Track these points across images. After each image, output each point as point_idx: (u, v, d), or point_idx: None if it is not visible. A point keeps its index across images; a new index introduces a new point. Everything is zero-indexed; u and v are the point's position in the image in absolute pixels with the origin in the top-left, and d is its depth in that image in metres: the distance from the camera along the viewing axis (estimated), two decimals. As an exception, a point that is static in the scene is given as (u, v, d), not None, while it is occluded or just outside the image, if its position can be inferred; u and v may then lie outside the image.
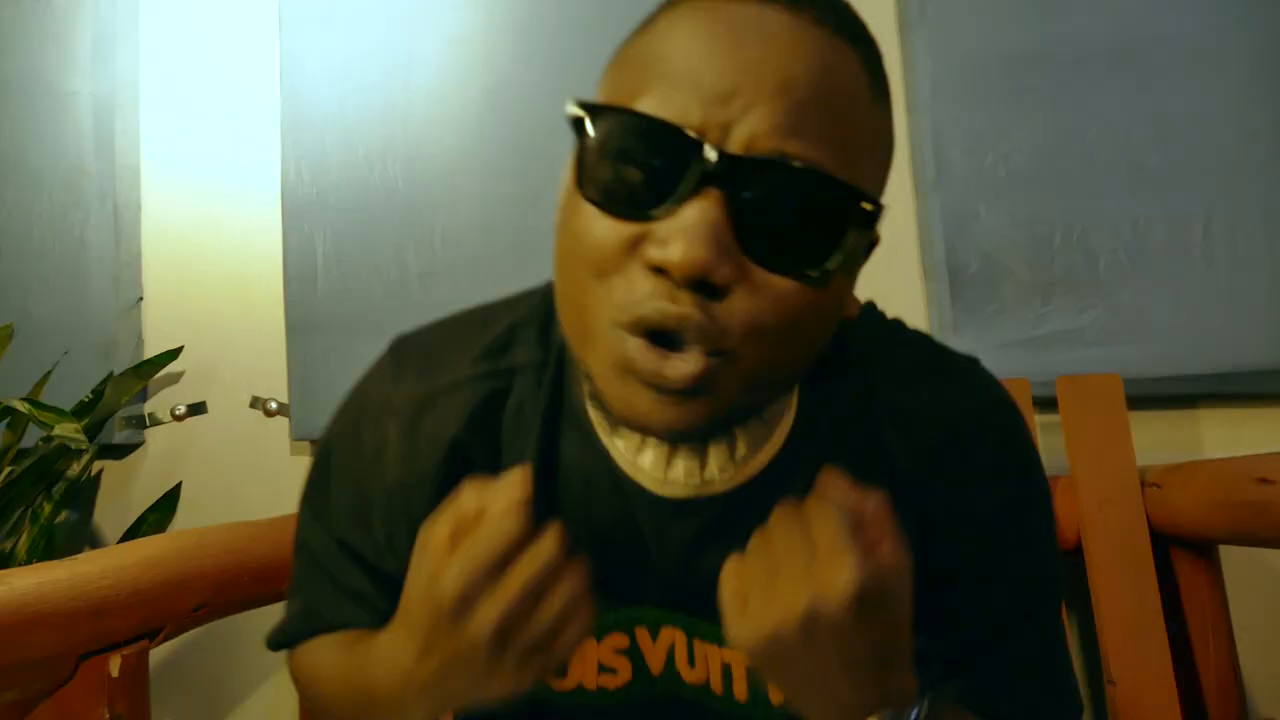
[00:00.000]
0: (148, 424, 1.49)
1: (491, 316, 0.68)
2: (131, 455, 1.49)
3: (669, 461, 0.59)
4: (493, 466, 0.62)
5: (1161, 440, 1.40)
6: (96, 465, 1.47)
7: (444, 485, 0.59)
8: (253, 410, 1.50)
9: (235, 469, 1.50)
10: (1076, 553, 1.26)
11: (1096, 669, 1.22)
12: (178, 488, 1.47)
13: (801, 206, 0.48)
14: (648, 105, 0.48)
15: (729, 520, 0.60)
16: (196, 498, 1.48)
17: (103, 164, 1.47)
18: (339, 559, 0.67)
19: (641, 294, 0.48)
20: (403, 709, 0.55)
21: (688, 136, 0.46)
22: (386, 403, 0.65)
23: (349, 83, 1.46)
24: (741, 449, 0.59)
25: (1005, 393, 0.67)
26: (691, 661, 0.63)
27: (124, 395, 1.42)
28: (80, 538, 1.44)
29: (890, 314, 0.75)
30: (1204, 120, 1.39)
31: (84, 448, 1.18)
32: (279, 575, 1.13)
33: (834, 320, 0.54)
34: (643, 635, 0.63)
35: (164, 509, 1.46)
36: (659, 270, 0.47)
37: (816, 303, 0.50)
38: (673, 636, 0.63)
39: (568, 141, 0.51)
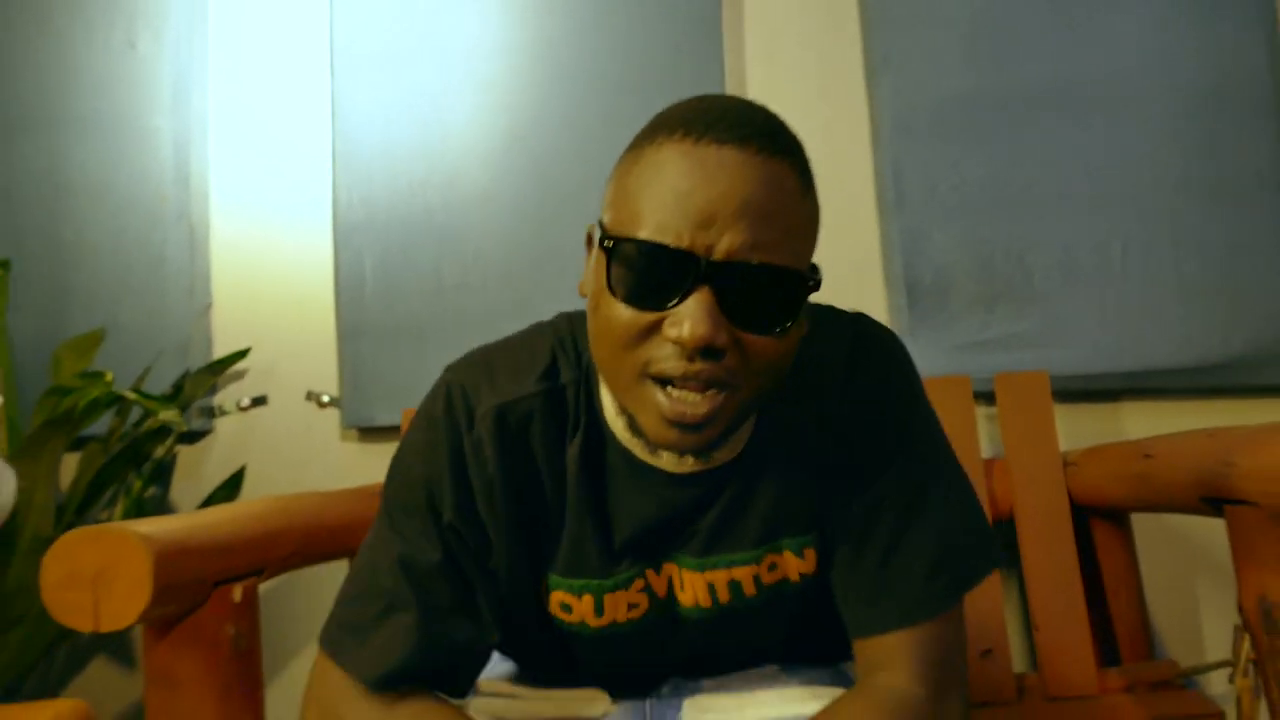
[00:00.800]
0: (216, 414, 1.71)
1: (531, 346, 0.84)
2: (203, 441, 1.72)
3: (672, 456, 0.78)
4: (555, 460, 0.80)
5: (1090, 429, 1.63)
6: (175, 449, 1.70)
7: (515, 486, 0.79)
8: (307, 403, 1.73)
9: (292, 453, 1.72)
10: (1010, 523, 1.49)
11: (1026, 618, 1.45)
12: (242, 470, 1.70)
13: (765, 290, 0.67)
14: (650, 229, 0.66)
15: (713, 481, 0.80)
16: (258, 478, 1.71)
17: (179, 190, 1.70)
18: (435, 584, 0.78)
19: (662, 356, 0.67)
20: None
21: (686, 253, 0.65)
22: (469, 413, 0.80)
23: (393, 121, 1.69)
24: (724, 449, 0.78)
25: (881, 342, 0.83)
26: (682, 586, 0.83)
27: (199, 389, 1.65)
28: (162, 510, 1.67)
29: None
30: (1123, 156, 1.63)
31: (184, 429, 1.41)
32: (344, 537, 1.37)
33: (794, 352, 0.72)
34: (651, 574, 0.83)
35: (230, 488, 1.69)
36: (691, 353, 0.66)
37: (785, 347, 0.70)
38: (670, 570, 0.83)
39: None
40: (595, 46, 1.69)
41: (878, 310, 1.70)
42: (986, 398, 1.57)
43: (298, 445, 1.73)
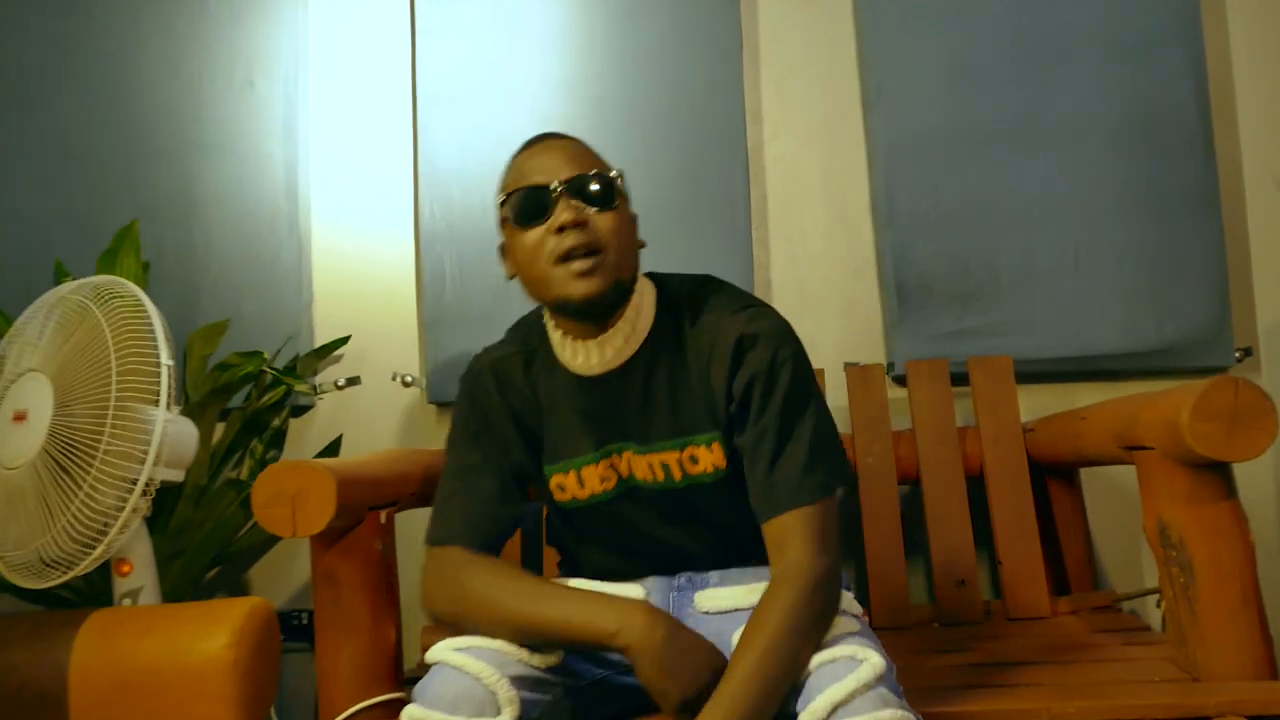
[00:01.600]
0: (318, 392, 2.04)
1: (516, 329, 1.30)
2: (307, 414, 2.05)
3: (589, 357, 1.15)
4: (530, 386, 1.21)
5: (1047, 404, 1.94)
6: (288, 420, 2.03)
7: (512, 407, 1.21)
8: (393, 383, 2.06)
9: (380, 424, 2.05)
10: (980, 479, 1.83)
11: (992, 555, 1.78)
12: (339, 438, 2.03)
13: (594, 185, 1.10)
14: (526, 183, 1.11)
15: (622, 381, 1.16)
16: (352, 445, 2.04)
17: (289, 205, 2.03)
18: (478, 475, 1.19)
19: (557, 245, 1.08)
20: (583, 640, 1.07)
21: (546, 185, 1.09)
22: (479, 368, 1.26)
23: (468, 150, 2.02)
24: (619, 342, 1.15)
25: (772, 320, 1.16)
26: (633, 468, 1.18)
27: (307, 370, 1.98)
28: (276, 471, 2.00)
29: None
30: (1073, 180, 1.96)
31: (313, 401, 1.73)
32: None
33: (634, 238, 1.15)
34: (616, 458, 1.18)
35: (330, 453, 2.01)
36: (560, 230, 1.07)
37: (619, 220, 1.11)
38: (626, 456, 1.18)
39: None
40: (636, 84, 2.03)
41: (872, 306, 2.03)
42: (960, 378, 1.90)
43: (385, 418, 2.06)
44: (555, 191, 1.09)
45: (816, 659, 1.03)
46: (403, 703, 1.22)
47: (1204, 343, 1.93)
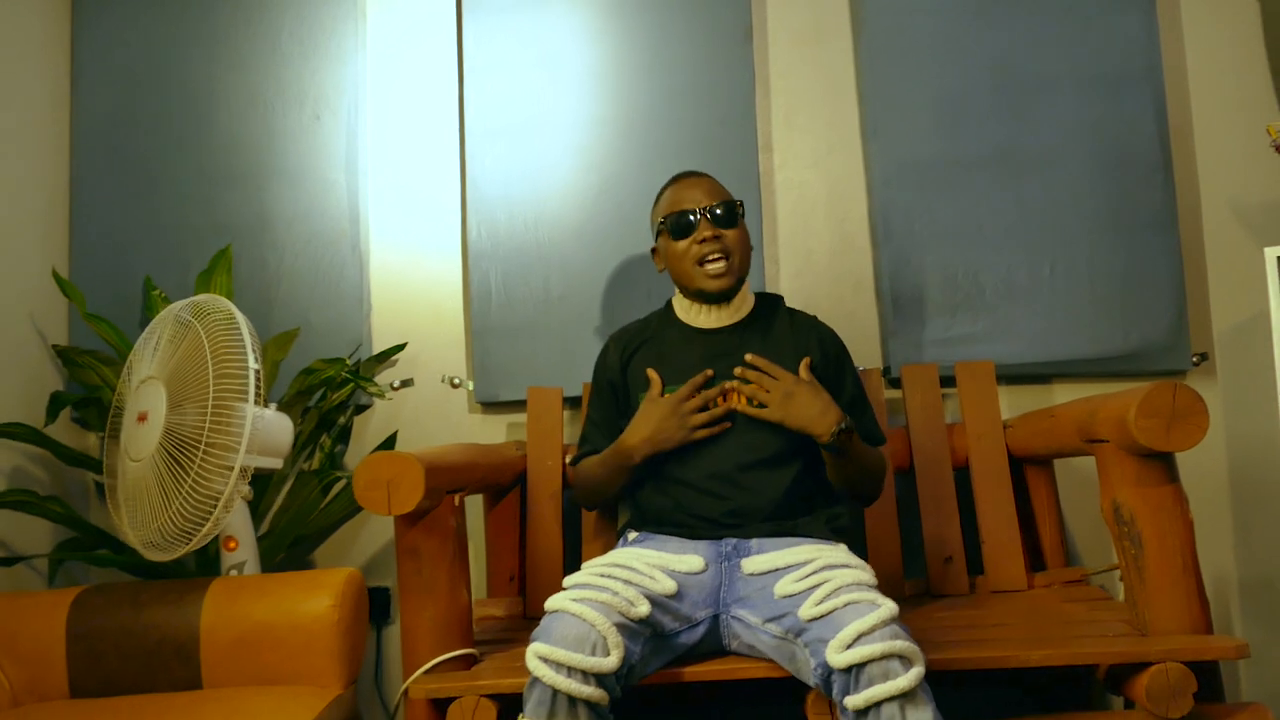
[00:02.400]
0: (380, 393, 2.29)
1: (646, 316, 1.85)
2: (366, 412, 2.29)
3: (711, 315, 1.74)
4: (650, 343, 1.79)
5: (1026, 403, 2.19)
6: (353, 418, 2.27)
7: (624, 361, 1.79)
8: (442, 385, 2.30)
9: (430, 422, 2.29)
10: (965, 470, 2.07)
11: (977, 536, 2.03)
12: (394, 435, 2.27)
13: (724, 210, 1.69)
14: (679, 209, 1.71)
15: (729, 335, 1.71)
16: (406, 441, 2.28)
17: (352, 226, 2.27)
18: (602, 417, 1.80)
19: (699, 252, 1.68)
20: (634, 451, 1.64)
21: (693, 209, 1.69)
22: (608, 342, 1.86)
23: (512, 178, 2.25)
24: (732, 309, 1.73)
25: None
26: (725, 399, 1.66)
27: (368, 374, 2.22)
28: (342, 464, 2.24)
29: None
30: (1050, 203, 2.20)
31: (373, 401, 1.98)
32: (496, 474, 1.94)
33: (749, 246, 1.75)
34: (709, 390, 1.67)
35: (387, 447, 2.26)
36: (702, 242, 1.67)
37: (741, 235, 1.71)
38: (721, 389, 1.66)
39: (649, 218, 1.83)
40: (662, 120, 2.27)
41: (870, 316, 2.27)
42: (948, 381, 2.14)
43: (435, 416, 2.30)
44: (699, 216, 1.66)
45: (843, 598, 1.31)
46: (473, 658, 1.49)
47: (1164, 348, 2.17)
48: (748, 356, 1.62)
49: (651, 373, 1.66)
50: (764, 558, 1.53)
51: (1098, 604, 1.81)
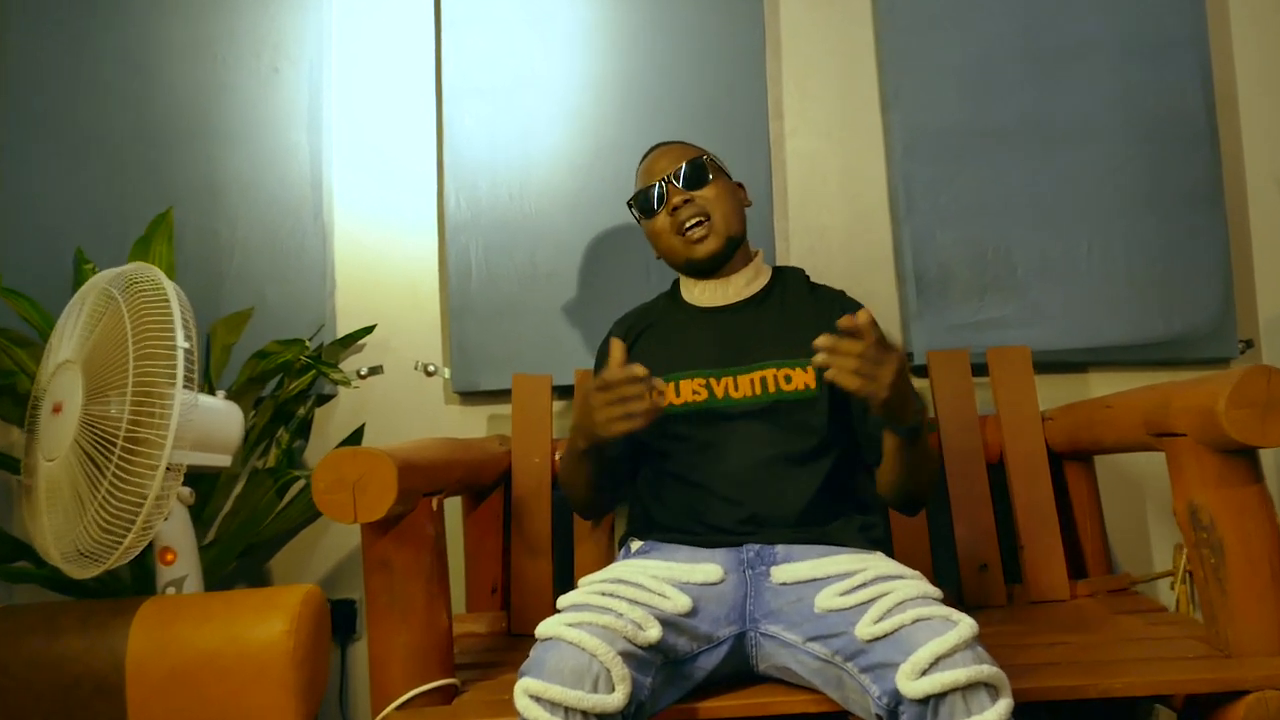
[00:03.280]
0: (350, 382, 2.04)
1: (652, 299, 1.67)
2: (330, 403, 2.05)
3: (715, 292, 1.54)
4: (653, 327, 1.59)
5: (1060, 393, 2.01)
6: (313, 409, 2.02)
7: (632, 350, 1.54)
8: (416, 372, 2.06)
9: (403, 414, 2.06)
10: (1000, 466, 1.88)
11: (1014, 540, 1.83)
12: (361, 428, 2.03)
13: (693, 171, 1.50)
14: (643, 183, 1.55)
15: (741, 313, 1.51)
16: (374, 435, 2.04)
17: (314, 193, 2.02)
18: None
19: (675, 222, 1.50)
20: (573, 436, 1.40)
21: (657, 182, 1.51)
22: (612, 327, 1.66)
23: (496, 143, 2.03)
24: (741, 284, 1.53)
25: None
26: (736, 387, 1.45)
27: (331, 360, 1.98)
28: (301, 461, 2.00)
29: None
30: (1085, 176, 2.02)
31: (350, 386, 1.73)
32: (478, 473, 1.71)
33: (736, 201, 1.54)
34: (713, 381, 1.46)
35: (353, 442, 2.01)
36: (674, 210, 1.49)
37: (716, 192, 1.50)
38: (726, 379, 1.45)
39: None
40: (663, 83, 2.05)
41: (889, 299, 2.07)
42: (978, 369, 1.95)
43: (408, 407, 2.06)
44: (664, 184, 1.49)
45: (911, 614, 1.09)
46: (454, 689, 1.24)
47: (1209, 334, 1.99)
48: (842, 321, 1.20)
49: (615, 342, 1.31)
50: (798, 566, 1.32)
51: (1153, 617, 1.63)
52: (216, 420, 1.53)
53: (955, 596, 1.82)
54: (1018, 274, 2.02)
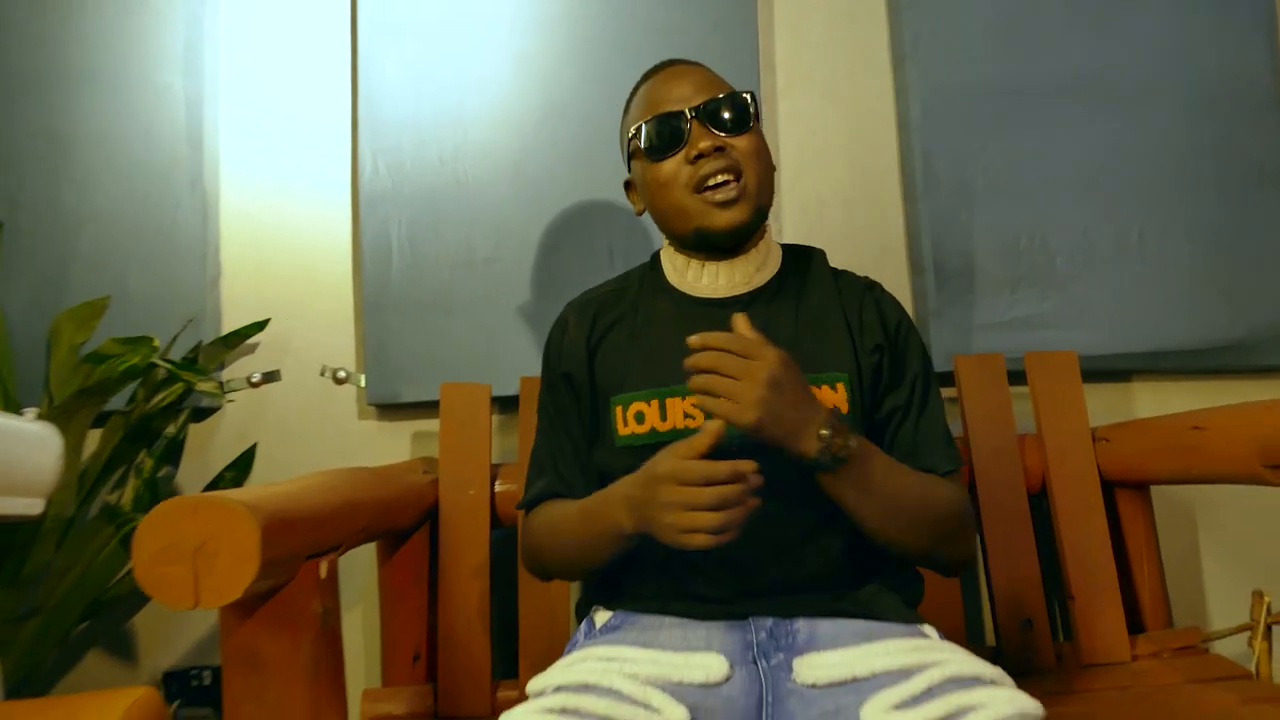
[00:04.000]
0: (225, 390, 1.63)
1: (619, 276, 1.23)
2: (211, 418, 1.63)
3: (717, 277, 1.12)
4: (624, 320, 1.15)
5: (1102, 406, 1.69)
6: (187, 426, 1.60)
7: (592, 343, 1.14)
8: (322, 380, 1.66)
9: (306, 431, 1.65)
10: (1042, 496, 1.54)
11: (1062, 587, 1.49)
12: (252, 449, 1.62)
13: (728, 108, 1.07)
14: (655, 112, 1.09)
15: (747, 309, 1.06)
16: (270, 457, 1.63)
17: (193, 152, 1.60)
18: (557, 434, 1.15)
19: (693, 172, 1.06)
20: (621, 516, 0.97)
21: (678, 111, 1.07)
22: (565, 313, 1.20)
23: (423, 91, 1.63)
24: (751, 269, 1.12)
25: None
26: None
27: (212, 363, 1.56)
28: (172, 493, 1.58)
29: None
30: (1138, 146, 1.69)
31: (222, 403, 1.32)
32: (396, 514, 1.32)
33: (770, 159, 1.11)
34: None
35: (241, 468, 1.61)
36: (698, 158, 1.05)
37: (757, 142, 1.09)
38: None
39: (617, 150, 1.16)
40: (633, 23, 1.67)
41: (902, 292, 1.72)
42: (1014, 377, 1.61)
43: (312, 423, 1.66)
44: (689, 118, 1.07)
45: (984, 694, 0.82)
46: None
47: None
48: (692, 339, 0.93)
49: (710, 426, 0.91)
50: (829, 657, 0.95)
51: (1241, 688, 1.30)
52: (12, 452, 1.10)
53: (991, 657, 1.47)
54: (1056, 264, 1.69)
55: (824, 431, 0.93)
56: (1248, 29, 1.71)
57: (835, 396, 1.06)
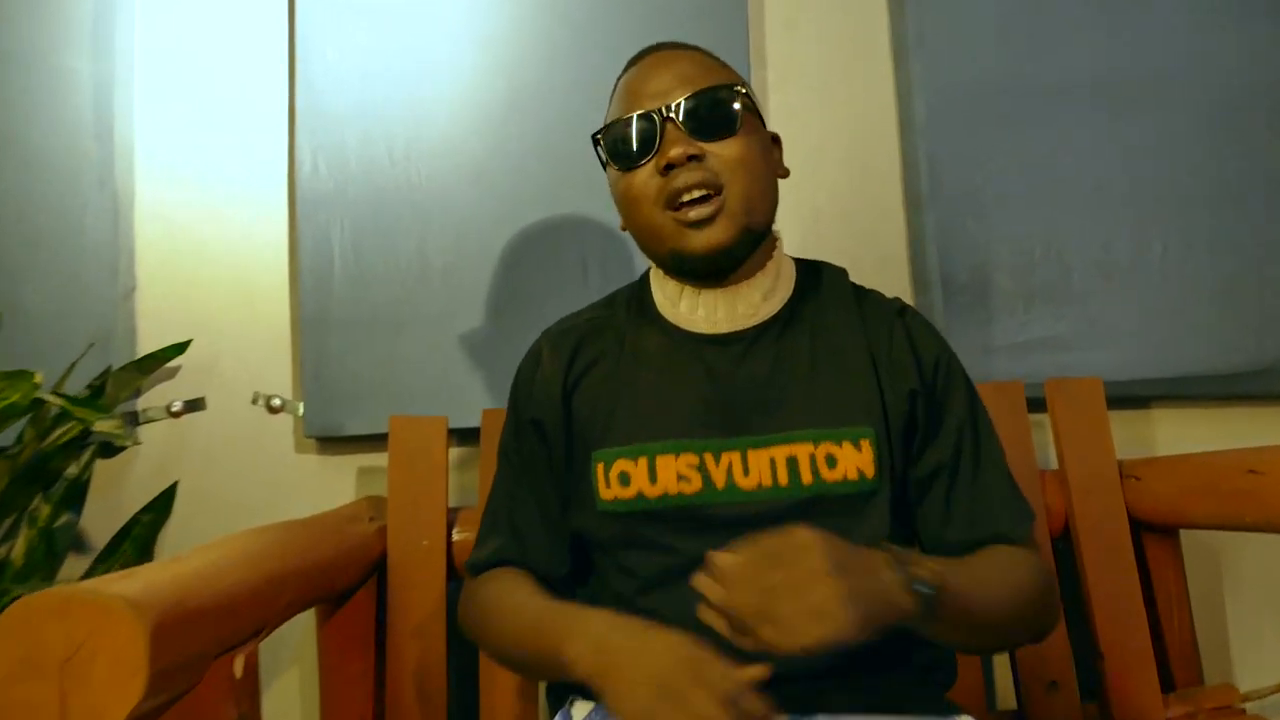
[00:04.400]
0: (140, 421, 1.42)
1: (606, 298, 1.06)
2: (125, 453, 1.42)
3: (715, 309, 0.94)
4: (608, 356, 0.97)
5: (1118, 436, 1.53)
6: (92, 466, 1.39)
7: (569, 384, 0.96)
8: (254, 407, 1.45)
9: (235, 468, 1.45)
10: (1064, 538, 1.39)
11: (1087, 643, 1.34)
12: (173, 488, 1.41)
13: (710, 107, 0.89)
14: (622, 113, 0.92)
15: (755, 345, 0.93)
16: (193, 498, 1.43)
17: (102, 147, 1.39)
18: (519, 486, 0.99)
19: (664, 185, 0.88)
20: (573, 665, 0.77)
21: (647, 112, 0.90)
22: (538, 345, 1.02)
23: (371, 78, 1.44)
24: (756, 298, 0.94)
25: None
26: (746, 471, 0.89)
27: (124, 390, 1.35)
28: (74, 542, 1.36)
29: None
30: (1163, 151, 1.55)
31: (128, 444, 1.12)
32: (335, 574, 1.12)
33: (769, 168, 0.94)
34: (709, 459, 0.89)
35: (159, 510, 1.40)
36: (668, 169, 0.88)
37: (744, 148, 0.89)
38: (730, 458, 0.89)
39: (591, 145, 0.96)
40: (610, 6, 1.49)
41: (904, 309, 1.56)
42: (1032, 405, 1.46)
43: (242, 457, 1.45)
44: (661, 121, 0.90)
45: None
46: None
47: (1311, 362, 1.55)
48: (703, 586, 0.72)
49: (707, 613, 0.72)
50: None
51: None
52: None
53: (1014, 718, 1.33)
54: (1073, 279, 1.54)
55: (900, 575, 0.73)
56: (1277, 27, 1.58)
57: (859, 457, 0.88)
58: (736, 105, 0.90)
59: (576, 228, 1.45)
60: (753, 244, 0.92)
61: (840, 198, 1.58)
